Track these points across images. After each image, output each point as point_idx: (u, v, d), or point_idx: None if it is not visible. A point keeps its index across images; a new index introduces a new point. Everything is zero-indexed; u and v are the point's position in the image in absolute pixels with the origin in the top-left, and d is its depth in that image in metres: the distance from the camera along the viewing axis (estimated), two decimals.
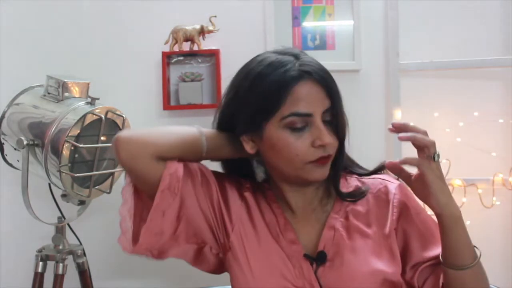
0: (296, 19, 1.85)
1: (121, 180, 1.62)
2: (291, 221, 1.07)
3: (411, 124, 0.97)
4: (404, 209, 1.06)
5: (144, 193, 1.04)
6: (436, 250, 1.02)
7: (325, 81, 0.99)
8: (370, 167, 1.13)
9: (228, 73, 1.79)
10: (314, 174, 1.00)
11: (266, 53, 1.05)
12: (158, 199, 0.99)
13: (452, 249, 0.96)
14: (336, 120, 1.01)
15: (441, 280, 1.01)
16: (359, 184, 1.09)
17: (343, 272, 0.99)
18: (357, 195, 1.07)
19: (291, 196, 1.07)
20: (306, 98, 0.98)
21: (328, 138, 0.98)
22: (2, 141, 1.57)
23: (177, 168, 1.01)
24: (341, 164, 1.06)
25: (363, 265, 1.00)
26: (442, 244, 0.98)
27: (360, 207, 1.06)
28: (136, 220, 1.03)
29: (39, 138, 1.44)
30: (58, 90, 1.50)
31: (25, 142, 1.44)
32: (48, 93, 1.52)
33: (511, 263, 1.78)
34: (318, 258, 1.01)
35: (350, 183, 1.10)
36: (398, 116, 1.79)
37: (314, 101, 0.98)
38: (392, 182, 1.09)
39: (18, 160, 1.51)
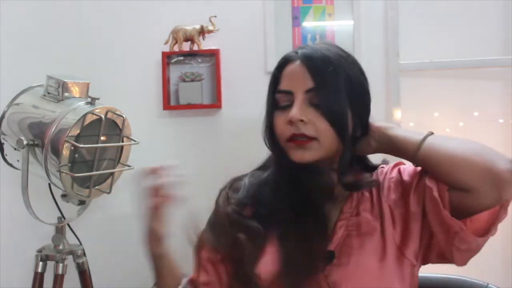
0: (296, 19, 1.85)
1: (121, 180, 1.62)
2: None
3: None
4: (393, 179, 1.07)
5: None
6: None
7: (309, 61, 1.01)
8: None
9: (228, 73, 1.82)
10: (293, 154, 1.01)
11: None
12: None
13: (404, 139, 1.02)
14: (323, 103, 0.99)
15: (429, 184, 0.99)
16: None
17: (350, 270, 0.99)
18: (362, 185, 1.07)
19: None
20: (288, 77, 1.02)
21: (294, 113, 0.98)
22: (2, 141, 1.57)
23: None
24: (345, 154, 1.03)
25: (372, 263, 0.99)
26: (396, 147, 1.02)
27: (369, 201, 1.06)
28: None
29: (39, 138, 1.44)
30: (58, 90, 1.50)
31: (25, 142, 1.43)
32: (48, 93, 1.52)
33: (511, 263, 1.78)
34: (326, 257, 1.01)
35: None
36: (398, 116, 1.79)
37: (295, 80, 1.01)
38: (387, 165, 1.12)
39: (18, 160, 1.51)
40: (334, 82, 1.00)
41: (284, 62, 1.04)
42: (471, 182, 0.93)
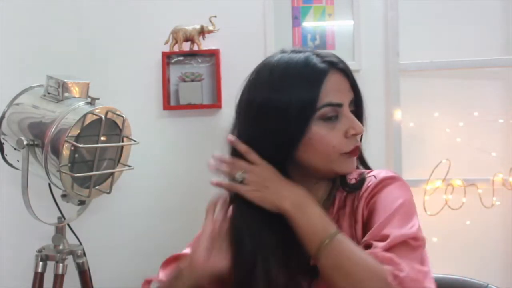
0: (296, 19, 1.85)
1: (121, 180, 1.62)
2: None
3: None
4: (373, 199, 1.02)
5: None
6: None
7: (350, 72, 1.02)
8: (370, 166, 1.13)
9: (228, 73, 1.82)
10: (346, 166, 1.00)
11: (276, 55, 1.03)
12: None
13: (308, 231, 0.93)
14: (359, 112, 1.03)
15: None
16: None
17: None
18: (357, 185, 1.05)
19: None
20: (337, 89, 0.99)
21: (361, 127, 1.00)
22: (2, 141, 1.57)
23: None
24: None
25: None
26: (298, 234, 0.94)
27: (348, 208, 1.04)
28: None
29: (39, 138, 1.44)
30: (58, 90, 1.50)
31: (25, 142, 1.43)
32: (48, 93, 1.52)
33: (511, 263, 1.78)
34: (311, 271, 0.99)
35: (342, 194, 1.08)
36: (398, 116, 1.79)
37: (343, 92, 1.00)
38: (376, 177, 1.05)
39: (18, 160, 1.51)
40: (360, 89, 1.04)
41: (324, 72, 0.98)
42: None
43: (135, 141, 1.57)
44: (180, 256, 1.10)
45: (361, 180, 1.05)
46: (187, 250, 1.11)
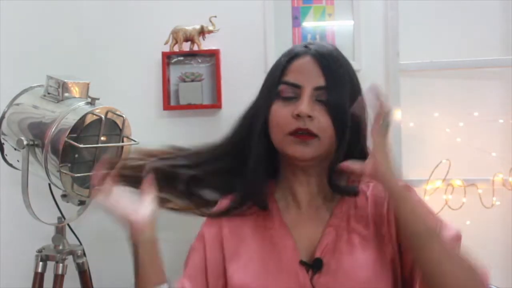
0: (296, 19, 1.85)
1: None
2: (295, 219, 1.06)
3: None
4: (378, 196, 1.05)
5: None
6: None
7: (323, 59, 1.02)
8: None
9: (228, 73, 1.82)
10: (293, 149, 1.00)
11: None
12: None
13: (411, 215, 0.93)
14: (331, 102, 1.00)
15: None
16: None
17: (338, 278, 0.98)
18: (350, 190, 1.05)
19: (297, 188, 1.06)
20: (298, 70, 1.02)
21: (305, 108, 0.98)
22: (2, 141, 1.57)
23: None
24: (339, 154, 1.03)
25: (360, 271, 0.98)
26: (401, 218, 0.95)
27: (361, 209, 1.05)
28: None
29: (39, 138, 1.44)
30: (58, 90, 1.50)
31: (25, 142, 1.44)
32: (48, 93, 1.52)
33: (511, 263, 1.78)
34: (314, 265, 1.00)
35: None
36: (398, 116, 1.79)
37: (305, 74, 1.01)
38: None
39: (18, 160, 1.51)
40: (342, 83, 1.02)
41: (295, 55, 1.03)
42: None
43: (135, 141, 1.57)
44: None
45: (354, 188, 1.05)
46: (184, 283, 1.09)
